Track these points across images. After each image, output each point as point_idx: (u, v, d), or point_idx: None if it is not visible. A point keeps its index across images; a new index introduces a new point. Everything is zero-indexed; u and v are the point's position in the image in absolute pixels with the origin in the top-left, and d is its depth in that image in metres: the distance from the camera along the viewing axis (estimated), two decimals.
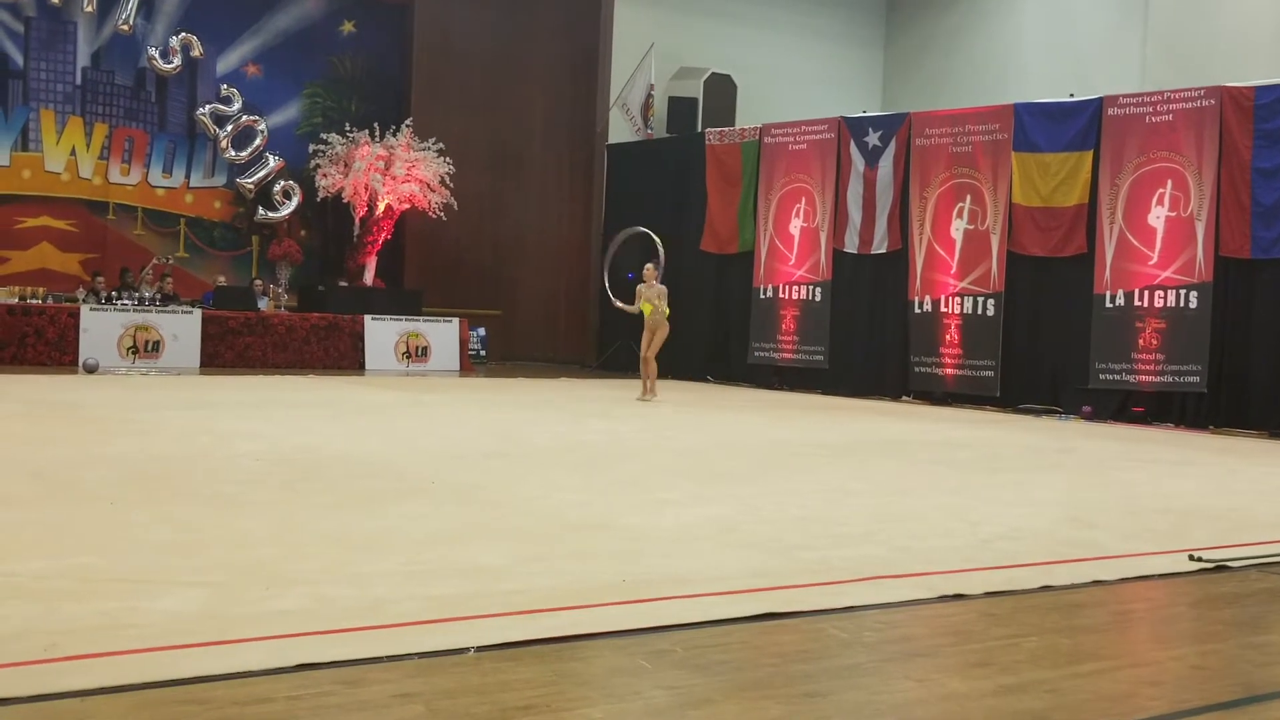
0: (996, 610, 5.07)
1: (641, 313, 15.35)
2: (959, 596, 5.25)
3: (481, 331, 21.19)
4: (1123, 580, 5.78)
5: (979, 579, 5.55)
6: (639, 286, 15.52)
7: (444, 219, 20.50)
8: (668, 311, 15.35)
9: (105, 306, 17.36)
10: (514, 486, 7.77)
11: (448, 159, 20.51)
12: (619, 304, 16.09)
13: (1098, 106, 15.38)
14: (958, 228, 16.50)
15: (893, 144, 17.27)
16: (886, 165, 17.32)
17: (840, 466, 9.55)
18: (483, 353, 21.10)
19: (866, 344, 17.71)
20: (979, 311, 16.26)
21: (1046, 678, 4.18)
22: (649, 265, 15.64)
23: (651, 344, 15.36)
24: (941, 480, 8.96)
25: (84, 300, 17.60)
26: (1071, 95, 15.95)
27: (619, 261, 21.26)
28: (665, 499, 7.47)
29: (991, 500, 8.03)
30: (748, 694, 3.87)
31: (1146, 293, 14.79)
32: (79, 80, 19.19)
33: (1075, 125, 15.54)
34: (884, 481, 8.71)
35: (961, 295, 16.43)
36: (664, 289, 15.45)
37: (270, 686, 3.69)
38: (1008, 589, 5.42)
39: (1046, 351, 15.83)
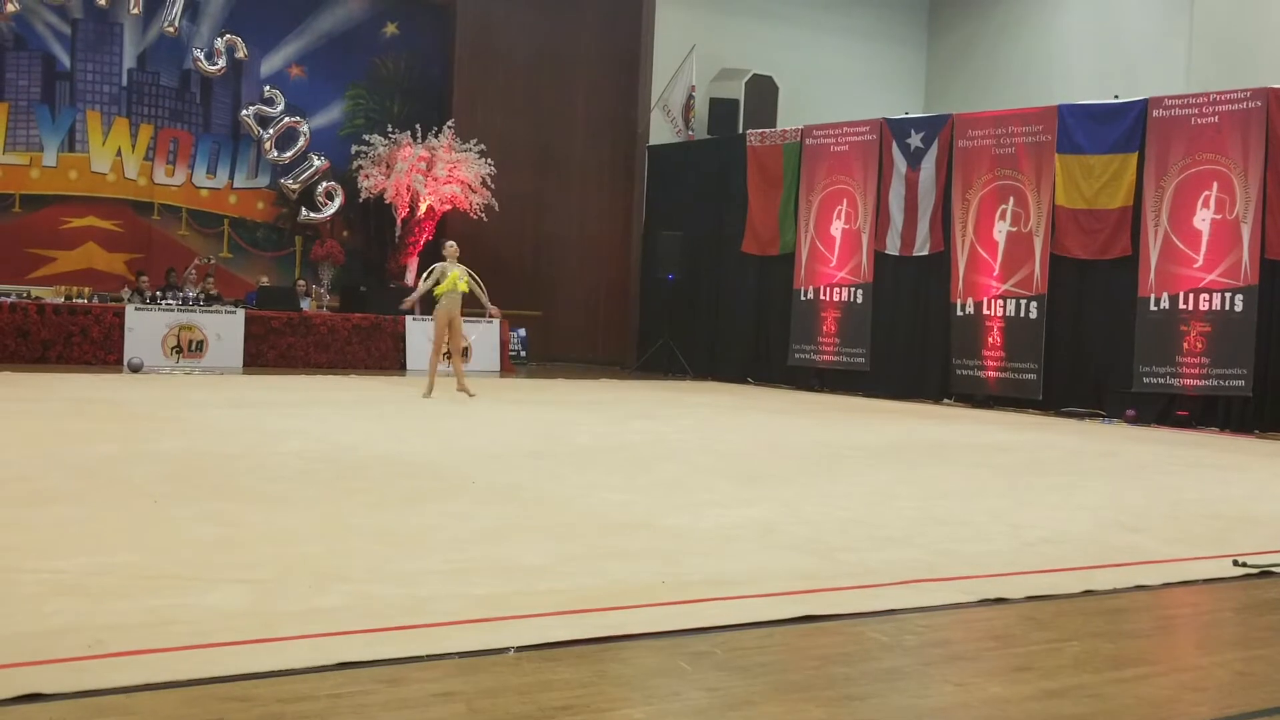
0: (1038, 614, 5.04)
1: (433, 294, 14.00)
2: (1001, 600, 5.22)
3: (522, 332, 21.23)
4: (1166, 585, 5.74)
5: (1021, 583, 5.52)
6: (439, 265, 14.16)
7: (485, 220, 20.57)
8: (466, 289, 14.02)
9: (150, 306, 17.52)
10: (555, 486, 7.78)
11: (489, 160, 20.59)
12: (409, 300, 14.54)
13: (1142, 108, 15.26)
14: (1000, 230, 16.41)
15: (935, 145, 17.19)
16: (929, 167, 17.25)
17: (881, 469, 9.51)
18: (523, 353, 21.14)
19: (908, 346, 17.64)
20: (1022, 314, 16.16)
21: (1089, 683, 4.15)
22: (450, 242, 14.64)
23: (453, 335, 14.10)
24: (983, 483, 8.91)
25: (129, 300, 17.77)
26: (1116, 97, 15.83)
27: (652, 262, 21.30)
28: (706, 500, 7.46)
29: (1034, 504, 7.98)
30: (788, 696, 3.86)
31: (1191, 296, 14.66)
32: (125, 81, 19.37)
33: (1120, 127, 15.42)
34: (925, 484, 8.67)
35: (1004, 297, 16.33)
36: (466, 269, 14.19)
37: (313, 684, 3.72)
38: (1050, 593, 5.38)
39: (1090, 354, 15.72)
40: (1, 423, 9.96)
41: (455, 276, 13.97)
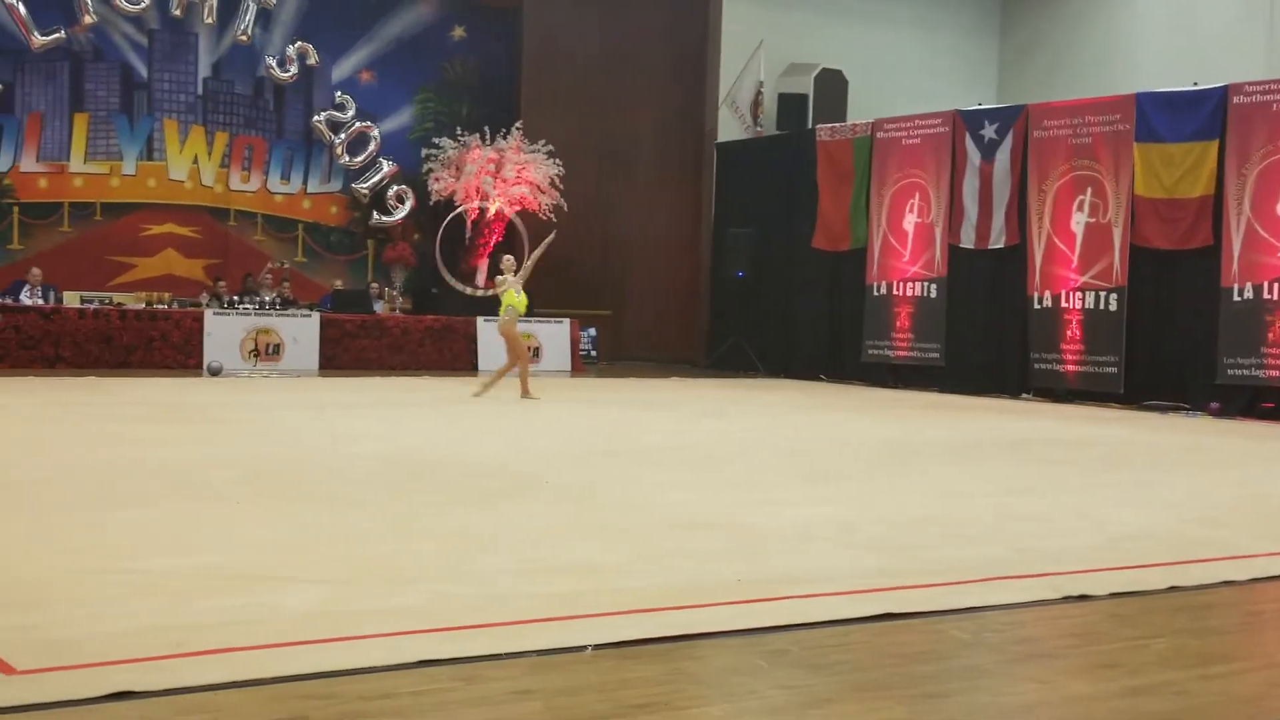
0: (1123, 611, 4.96)
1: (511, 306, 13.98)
2: (1084, 597, 5.14)
3: (592, 332, 21.28)
4: (1254, 580, 5.62)
5: (1104, 579, 5.43)
6: (498, 278, 14.29)
7: (554, 220, 20.63)
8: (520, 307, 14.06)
9: (227, 311, 17.76)
10: (627, 485, 7.78)
11: (557, 160, 20.65)
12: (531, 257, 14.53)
13: (1222, 95, 14.97)
14: (1078, 221, 16.17)
15: (1010, 137, 16.98)
16: (1003, 158, 17.04)
17: (959, 465, 9.41)
18: (593, 353, 21.19)
19: (984, 341, 17.44)
20: (1101, 306, 15.92)
21: (1175, 679, 4.07)
22: (508, 257, 14.58)
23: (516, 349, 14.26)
24: (1064, 479, 8.78)
25: (207, 305, 18.03)
26: (1195, 84, 15.55)
27: (722, 259, 21.26)
28: (780, 498, 7.42)
29: (1117, 500, 7.85)
30: (867, 694, 3.82)
31: (1276, 285, 14.35)
32: (200, 90, 19.66)
33: (1199, 114, 15.14)
34: (1005, 481, 8.57)
35: (1083, 290, 16.10)
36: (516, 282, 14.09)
37: (392, 682, 3.74)
38: (1134, 590, 5.29)
39: (1172, 346, 15.45)
40: (87, 427, 10.15)
41: (510, 295, 14.00)
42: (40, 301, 17.07)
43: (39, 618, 4.27)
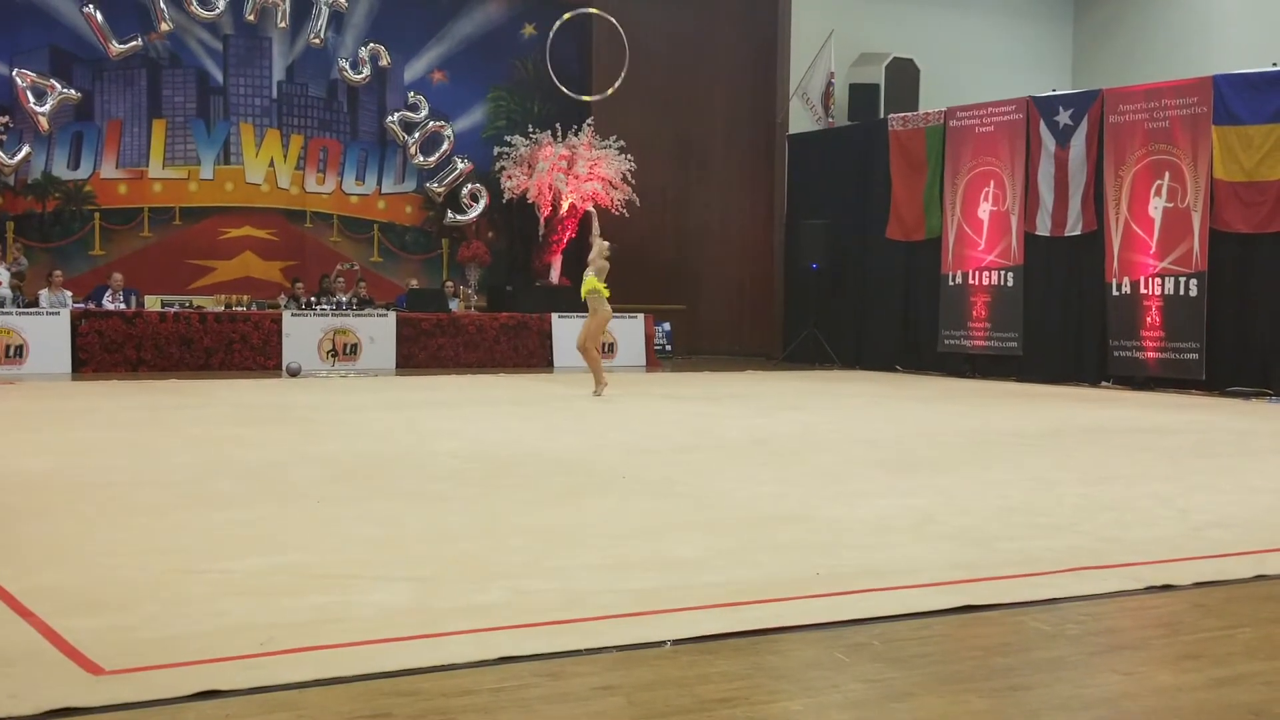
0: (1207, 601, 4.90)
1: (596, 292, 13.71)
2: (1168, 587, 5.08)
3: (666, 326, 21.29)
4: None
5: (1189, 569, 5.36)
6: (590, 257, 13.98)
7: (627, 215, 20.66)
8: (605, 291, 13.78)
9: (305, 312, 18.00)
10: (707, 480, 7.79)
11: (629, 156, 20.67)
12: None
13: None
14: (1156, 206, 15.93)
15: (1085, 122, 16.76)
16: (1079, 144, 16.82)
17: (1039, 455, 9.32)
18: (668, 347, 21.20)
19: (1062, 329, 17.24)
20: (1181, 292, 15.67)
21: (1262, 670, 4.02)
22: (603, 240, 14.17)
23: (593, 330, 14.11)
24: (1147, 467, 8.68)
25: (285, 306, 18.28)
26: (1275, 64, 15.24)
27: (796, 251, 21.17)
28: (860, 490, 7.40)
29: (1200, 487, 7.74)
30: (949, 687, 3.81)
31: None
32: (275, 94, 19.91)
33: (1279, 96, 14.84)
34: (1086, 470, 8.48)
35: (1162, 276, 15.86)
36: (604, 266, 13.77)
37: (475, 679, 3.79)
38: (1219, 579, 5.23)
39: (1255, 331, 15.18)
40: (171, 429, 10.33)
41: (590, 279, 13.81)
42: (122, 306, 17.39)
43: (127, 618, 4.37)
